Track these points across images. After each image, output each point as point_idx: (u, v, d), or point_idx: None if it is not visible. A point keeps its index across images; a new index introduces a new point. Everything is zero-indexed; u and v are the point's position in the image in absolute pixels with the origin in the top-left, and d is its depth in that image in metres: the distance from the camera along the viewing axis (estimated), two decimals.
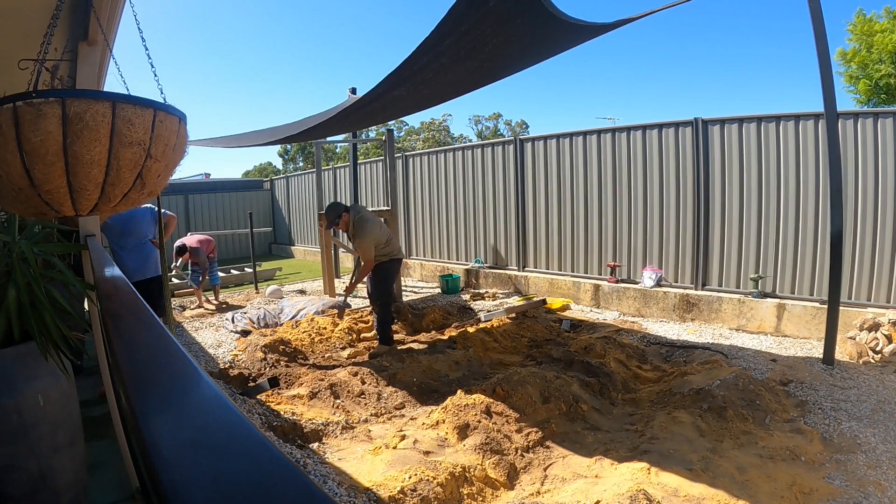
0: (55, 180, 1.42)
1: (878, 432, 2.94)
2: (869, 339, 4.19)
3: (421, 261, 9.04)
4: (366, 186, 10.40)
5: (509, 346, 4.85)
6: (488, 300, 6.95)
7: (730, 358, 4.24)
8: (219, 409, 0.43)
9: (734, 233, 5.48)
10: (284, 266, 10.84)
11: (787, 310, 4.95)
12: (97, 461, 2.57)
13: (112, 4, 2.33)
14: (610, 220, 6.44)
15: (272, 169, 37.19)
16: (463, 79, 4.19)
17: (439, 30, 2.88)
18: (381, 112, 5.20)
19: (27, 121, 1.33)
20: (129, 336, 0.74)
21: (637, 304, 5.95)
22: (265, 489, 0.32)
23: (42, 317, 1.72)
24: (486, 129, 35.02)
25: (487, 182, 7.87)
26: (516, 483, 2.73)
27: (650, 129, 6.00)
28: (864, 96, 13.72)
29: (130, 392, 0.49)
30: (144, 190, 1.64)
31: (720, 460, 2.69)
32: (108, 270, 1.33)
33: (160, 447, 0.38)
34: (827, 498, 2.39)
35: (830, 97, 3.83)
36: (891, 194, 4.56)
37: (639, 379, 4.01)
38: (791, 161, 5.07)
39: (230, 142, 7.18)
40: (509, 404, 3.29)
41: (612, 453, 2.88)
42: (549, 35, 3.35)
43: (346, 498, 2.38)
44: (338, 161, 27.85)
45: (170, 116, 1.61)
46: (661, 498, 2.33)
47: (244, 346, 5.02)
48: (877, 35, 13.20)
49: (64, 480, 1.82)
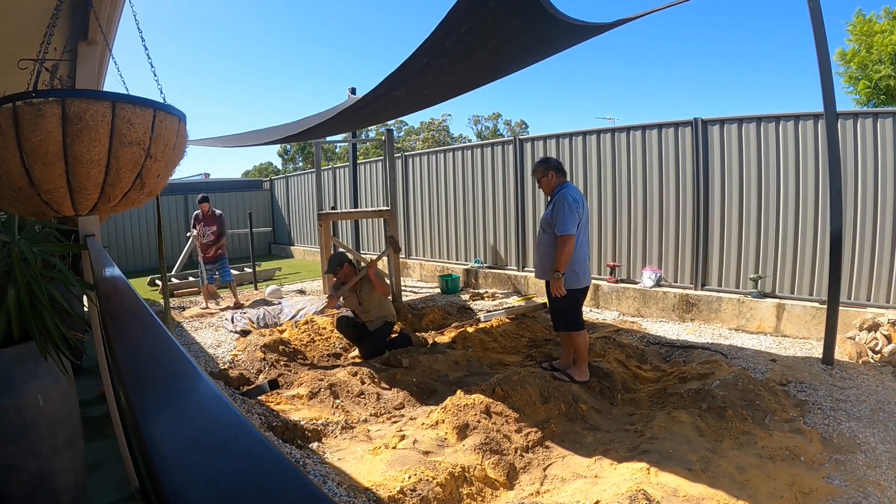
0: (55, 180, 1.42)
1: (877, 432, 2.94)
2: (868, 339, 4.20)
3: (420, 261, 9.04)
4: (365, 186, 10.40)
5: (509, 346, 4.85)
6: (488, 300, 6.95)
7: (729, 358, 4.24)
8: (218, 410, 0.43)
9: (734, 233, 5.48)
10: (284, 266, 10.84)
11: (786, 310, 4.95)
12: (97, 461, 2.57)
13: (112, 4, 2.32)
14: (609, 220, 6.44)
15: (272, 169, 37.18)
16: (462, 79, 4.19)
17: (439, 30, 2.89)
18: (381, 112, 5.20)
19: (27, 121, 1.33)
20: (129, 336, 0.74)
21: (636, 304, 5.95)
22: (265, 489, 0.32)
23: (42, 317, 1.72)
24: (486, 129, 35.02)
25: (487, 182, 7.87)
26: (516, 483, 2.73)
27: (650, 129, 6.00)
28: (863, 97, 13.72)
29: (130, 392, 0.49)
30: (144, 190, 1.64)
31: (720, 460, 2.69)
32: (108, 270, 1.32)
33: (160, 447, 0.38)
34: (826, 498, 2.40)
35: (830, 97, 3.83)
36: (890, 194, 4.56)
37: (638, 379, 4.01)
38: (791, 161, 5.07)
39: (230, 142, 7.18)
40: (509, 404, 3.29)
41: (611, 453, 2.88)
42: (549, 35, 3.35)
43: (346, 498, 2.38)
44: (337, 161, 27.85)
45: (169, 116, 1.61)
46: (661, 498, 2.33)
47: (244, 346, 5.02)
48: (876, 36, 13.20)
49: (64, 480, 1.82)
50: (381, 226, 9.69)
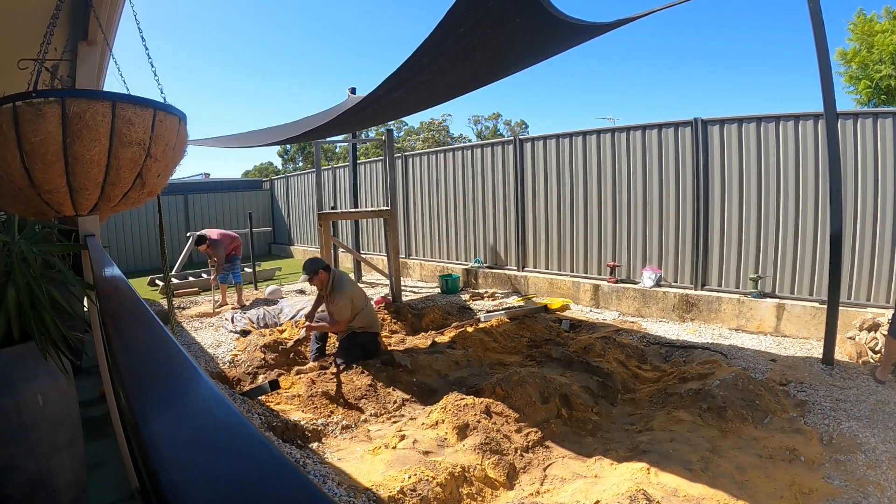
0: (55, 180, 1.42)
1: (877, 432, 2.94)
2: (868, 339, 4.20)
3: (420, 261, 9.04)
4: (365, 186, 10.40)
5: (509, 346, 4.85)
6: (488, 300, 6.95)
7: (729, 358, 4.24)
8: (218, 409, 0.43)
9: (734, 233, 5.48)
10: (284, 266, 10.83)
11: (786, 310, 4.95)
12: (97, 461, 2.57)
13: (112, 4, 2.32)
14: (609, 220, 6.44)
15: (272, 169, 37.16)
16: (463, 79, 4.19)
17: (439, 31, 2.88)
18: (381, 113, 5.20)
19: (27, 121, 1.33)
20: (129, 336, 0.74)
21: (637, 304, 5.95)
22: (265, 489, 0.32)
23: (42, 317, 1.72)
24: (486, 129, 35.00)
25: (487, 182, 7.87)
26: (516, 483, 2.74)
27: (650, 129, 6.00)
28: (864, 97, 13.69)
29: (130, 392, 0.49)
30: (144, 189, 1.64)
31: (720, 460, 2.69)
32: (108, 270, 1.32)
33: (160, 447, 0.38)
34: (826, 498, 2.40)
35: (830, 97, 3.83)
36: (890, 194, 4.56)
37: (638, 379, 4.01)
38: (790, 161, 5.07)
39: (230, 142, 7.18)
40: (509, 404, 3.29)
41: (611, 453, 2.88)
42: (549, 35, 3.35)
43: (346, 498, 2.38)
44: (337, 161, 27.85)
45: (170, 116, 1.61)
46: (661, 498, 2.33)
47: (244, 346, 5.02)
48: (877, 35, 13.18)
49: (63, 480, 1.82)
50: (381, 226, 9.70)
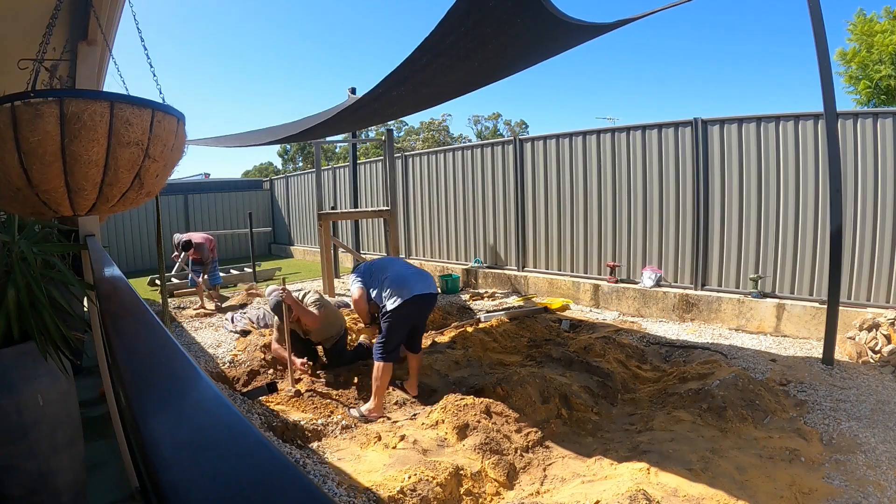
0: (53, 180, 1.42)
1: (877, 432, 2.94)
2: (868, 339, 4.20)
3: (420, 261, 9.03)
4: (365, 186, 10.40)
5: (509, 346, 4.85)
6: (487, 300, 6.95)
7: (729, 358, 4.24)
8: (218, 409, 0.43)
9: (734, 233, 5.48)
10: (284, 266, 10.83)
11: (786, 310, 4.95)
12: (97, 461, 2.57)
13: (111, 4, 2.32)
14: (609, 220, 6.44)
15: (272, 169, 37.17)
16: (463, 79, 4.18)
17: (439, 30, 2.88)
18: (381, 112, 5.20)
19: (25, 121, 1.33)
20: (129, 336, 0.74)
21: (636, 304, 5.95)
22: (265, 489, 0.32)
23: (42, 317, 1.72)
24: (486, 129, 35.01)
25: (487, 182, 7.87)
26: (516, 483, 2.73)
27: (650, 129, 6.00)
28: (863, 97, 13.70)
29: (130, 392, 0.49)
30: (142, 190, 1.63)
31: (720, 460, 2.69)
32: (108, 270, 1.32)
33: (160, 447, 0.38)
34: (826, 498, 2.39)
35: (830, 97, 3.83)
36: (890, 194, 4.56)
37: (638, 379, 4.01)
38: (791, 161, 5.07)
39: (230, 141, 7.18)
40: (509, 404, 3.29)
41: (611, 453, 2.88)
42: (549, 35, 3.35)
43: (346, 498, 2.38)
44: (337, 161, 27.84)
45: (168, 117, 1.61)
46: (661, 498, 2.33)
47: (244, 346, 5.02)
48: (877, 35, 13.18)
49: (63, 480, 1.82)
50: (381, 226, 9.70)
